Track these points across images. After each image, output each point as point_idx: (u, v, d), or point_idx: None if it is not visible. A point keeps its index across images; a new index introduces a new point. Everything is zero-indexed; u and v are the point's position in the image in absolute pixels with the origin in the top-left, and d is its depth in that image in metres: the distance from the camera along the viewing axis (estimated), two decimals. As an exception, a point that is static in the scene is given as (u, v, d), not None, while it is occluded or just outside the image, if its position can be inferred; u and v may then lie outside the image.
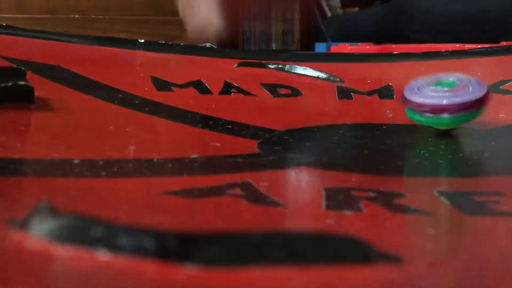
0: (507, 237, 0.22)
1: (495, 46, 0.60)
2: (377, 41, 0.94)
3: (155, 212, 0.22)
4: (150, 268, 0.16)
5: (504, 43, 0.62)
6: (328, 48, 0.91)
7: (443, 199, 0.25)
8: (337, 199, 0.25)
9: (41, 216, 0.18)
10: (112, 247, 0.16)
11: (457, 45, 0.68)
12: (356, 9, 1.72)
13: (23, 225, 0.18)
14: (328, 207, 0.24)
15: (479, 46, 0.62)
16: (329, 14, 1.68)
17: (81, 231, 0.17)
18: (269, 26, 1.43)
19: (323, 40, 1.53)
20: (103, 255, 0.16)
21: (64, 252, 0.16)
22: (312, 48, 1.29)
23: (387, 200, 0.25)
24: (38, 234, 0.17)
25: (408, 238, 0.21)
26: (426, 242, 0.20)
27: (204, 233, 0.17)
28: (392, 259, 0.17)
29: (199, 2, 0.52)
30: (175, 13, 1.30)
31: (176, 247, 0.17)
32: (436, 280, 0.17)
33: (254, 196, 0.24)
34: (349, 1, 1.74)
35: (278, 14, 1.63)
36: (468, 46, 0.66)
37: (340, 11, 1.74)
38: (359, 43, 0.87)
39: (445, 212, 0.24)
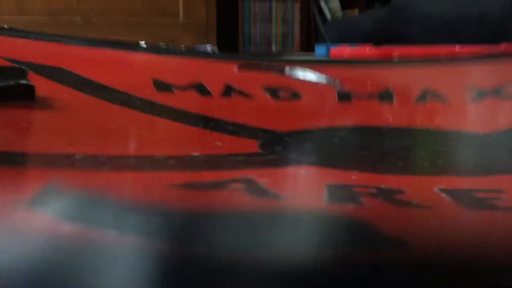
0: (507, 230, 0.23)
1: (494, 50, 0.60)
2: (377, 43, 0.95)
3: (157, 200, 0.23)
4: (154, 248, 0.16)
5: (504, 46, 0.62)
6: (328, 50, 0.91)
7: (444, 195, 0.25)
8: (339, 194, 0.26)
9: (48, 195, 0.18)
10: (118, 227, 0.17)
11: (457, 47, 0.68)
12: (356, 11, 1.72)
13: (31, 203, 0.18)
14: (329, 200, 0.24)
15: (479, 49, 0.62)
16: (329, 17, 1.68)
17: (87, 210, 0.17)
18: (269, 29, 1.43)
19: (323, 42, 1.53)
20: (109, 234, 0.16)
21: (70, 229, 0.17)
22: (312, 50, 1.29)
23: (388, 196, 0.26)
24: (45, 212, 0.17)
25: (409, 228, 0.22)
26: (427, 233, 0.20)
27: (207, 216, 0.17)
28: (394, 245, 0.18)
29: None
30: (176, 15, 1.30)
31: (180, 230, 0.17)
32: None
33: (255, 190, 0.25)
34: (349, 4, 1.75)
35: (278, 16, 1.63)
36: (468, 48, 0.66)
37: (340, 14, 1.74)
38: (359, 45, 0.88)
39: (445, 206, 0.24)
